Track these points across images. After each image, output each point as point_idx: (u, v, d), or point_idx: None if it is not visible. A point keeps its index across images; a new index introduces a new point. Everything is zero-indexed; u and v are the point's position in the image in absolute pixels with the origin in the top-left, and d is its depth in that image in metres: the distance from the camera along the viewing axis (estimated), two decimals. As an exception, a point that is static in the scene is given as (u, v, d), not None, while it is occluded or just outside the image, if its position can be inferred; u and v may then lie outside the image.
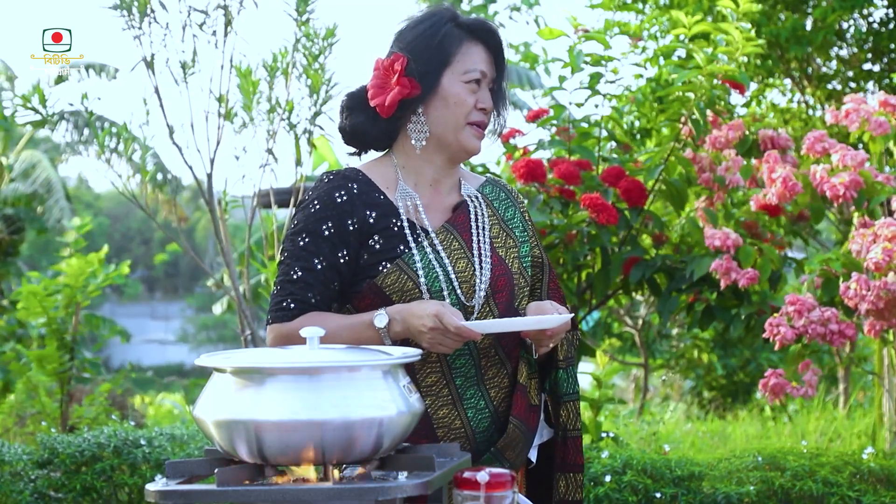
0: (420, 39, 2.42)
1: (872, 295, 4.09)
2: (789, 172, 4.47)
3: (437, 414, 2.36)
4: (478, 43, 2.45)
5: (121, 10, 4.87)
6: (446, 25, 2.43)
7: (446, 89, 2.41)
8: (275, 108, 5.01)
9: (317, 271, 2.35)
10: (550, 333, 2.34)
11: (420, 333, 2.26)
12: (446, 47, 2.41)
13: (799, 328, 4.24)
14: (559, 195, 4.71)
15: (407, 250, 2.37)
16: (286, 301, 2.35)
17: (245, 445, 1.87)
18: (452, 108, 2.41)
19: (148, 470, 4.90)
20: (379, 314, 2.28)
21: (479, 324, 2.27)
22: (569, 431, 2.48)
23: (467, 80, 2.42)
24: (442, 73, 2.41)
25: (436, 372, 2.36)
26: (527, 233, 2.55)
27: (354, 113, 2.47)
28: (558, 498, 2.47)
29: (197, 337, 32.30)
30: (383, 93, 2.41)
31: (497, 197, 2.56)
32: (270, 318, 2.37)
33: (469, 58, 2.43)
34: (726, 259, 4.46)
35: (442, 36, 2.41)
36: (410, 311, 2.27)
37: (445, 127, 2.42)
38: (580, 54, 4.89)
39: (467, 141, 2.44)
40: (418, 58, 2.40)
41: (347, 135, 2.49)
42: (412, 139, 2.44)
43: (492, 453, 2.38)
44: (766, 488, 4.47)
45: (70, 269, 7.24)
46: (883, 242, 4.10)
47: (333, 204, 2.37)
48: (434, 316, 2.23)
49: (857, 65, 9.13)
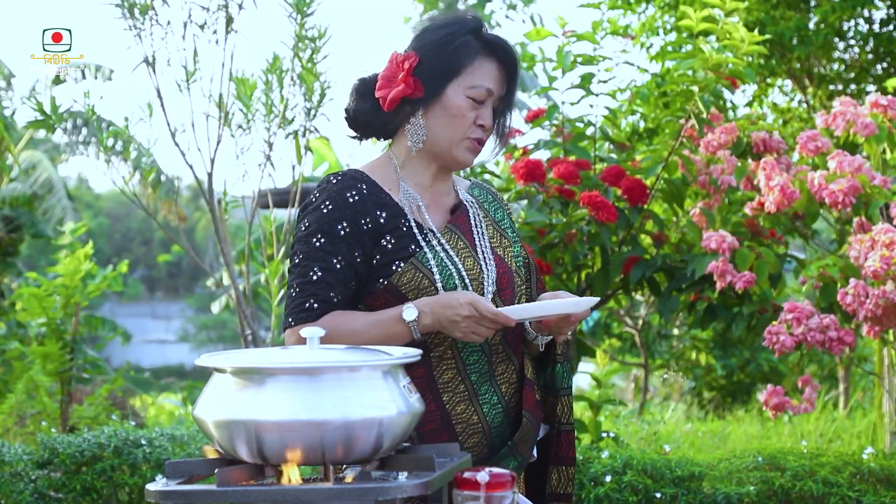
0: (435, 44, 2.41)
1: (871, 303, 4.10)
2: (787, 180, 4.47)
3: (455, 410, 2.37)
4: (492, 59, 2.43)
5: (122, 10, 4.87)
6: (465, 36, 2.41)
7: (449, 99, 2.41)
8: (271, 109, 5.02)
9: (336, 271, 2.35)
10: (573, 319, 2.37)
11: (454, 323, 2.27)
12: (459, 58, 2.40)
13: (798, 336, 4.25)
14: (558, 195, 4.71)
15: (419, 249, 2.37)
16: (308, 302, 2.34)
17: (245, 445, 1.87)
18: (451, 120, 2.41)
19: (148, 470, 4.90)
20: (407, 307, 2.29)
21: (511, 309, 2.30)
22: (563, 425, 2.51)
23: (472, 94, 2.41)
24: (448, 82, 2.40)
25: (451, 369, 2.38)
26: (515, 233, 2.58)
27: (362, 98, 2.48)
28: (550, 491, 2.50)
29: (197, 337, 32.29)
30: (389, 86, 2.42)
31: (486, 199, 2.58)
32: (292, 321, 2.35)
33: (479, 73, 2.42)
34: (722, 261, 4.47)
35: (457, 46, 2.40)
36: (440, 302, 2.28)
37: (441, 136, 2.42)
38: (568, 54, 4.90)
39: (460, 154, 2.44)
40: (429, 61, 2.40)
41: (351, 118, 2.50)
42: (408, 141, 2.44)
43: (508, 448, 2.40)
44: (766, 488, 4.47)
45: (65, 270, 7.25)
46: (881, 249, 4.10)
47: (346, 204, 2.37)
48: (469, 304, 2.25)
49: (859, 66, 9.14)
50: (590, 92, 4.93)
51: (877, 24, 8.95)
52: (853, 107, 4.74)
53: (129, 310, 34.53)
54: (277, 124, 5.07)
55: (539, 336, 2.46)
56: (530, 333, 2.46)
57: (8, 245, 12.66)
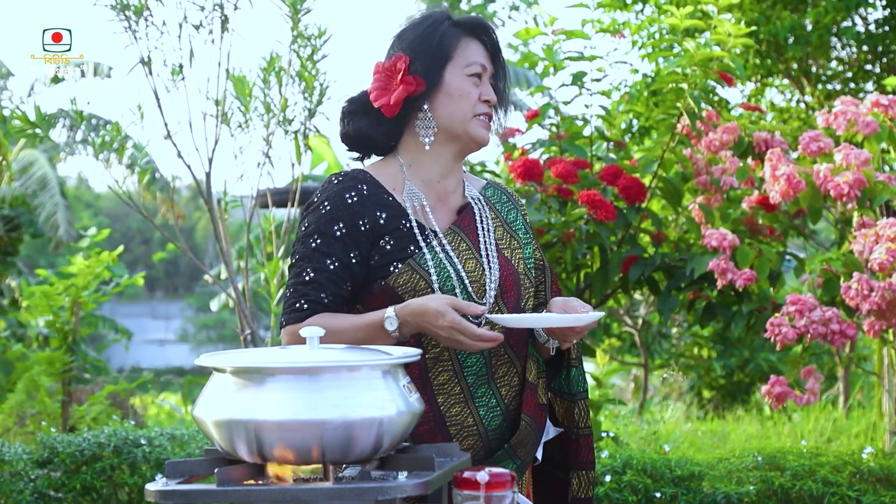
0: (420, 38, 2.45)
1: (877, 296, 4.10)
2: (793, 170, 4.47)
3: (450, 412, 2.37)
4: (475, 39, 2.48)
5: (118, 11, 4.87)
6: (443, 24, 2.47)
7: (450, 83, 2.44)
8: (270, 109, 5.02)
9: (329, 272, 2.36)
10: (578, 330, 2.36)
11: (435, 332, 2.26)
12: (447, 44, 2.45)
13: (800, 328, 4.24)
14: (557, 194, 4.72)
15: (417, 251, 2.37)
16: (299, 302, 2.36)
17: (245, 445, 1.87)
18: (458, 101, 2.44)
19: (148, 470, 4.90)
20: (388, 317, 2.28)
21: (512, 318, 2.28)
22: (580, 429, 2.51)
23: (470, 73, 2.45)
24: (444, 68, 2.44)
25: (447, 370, 2.37)
26: (529, 235, 2.58)
27: (356, 118, 2.49)
28: (572, 496, 2.50)
29: (197, 337, 32.28)
30: (387, 93, 2.43)
31: (499, 199, 2.58)
32: (284, 321, 2.38)
33: (469, 52, 2.46)
34: (723, 259, 4.47)
35: (441, 34, 2.45)
36: (414, 311, 2.26)
37: (453, 119, 2.44)
38: (558, 52, 4.91)
39: (476, 131, 2.46)
40: (420, 56, 2.43)
41: (351, 140, 2.50)
42: (420, 136, 2.45)
43: (505, 450, 2.39)
44: (766, 488, 4.48)
45: (78, 269, 7.26)
46: (886, 243, 4.10)
47: (344, 205, 2.38)
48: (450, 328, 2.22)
49: (857, 65, 9.14)
50: (582, 86, 4.93)
51: (872, 24, 8.95)
52: (854, 106, 4.75)
53: (128, 310, 34.51)
54: (276, 123, 5.07)
55: (550, 340, 2.46)
56: (542, 336, 2.46)
57: (7, 245, 12.67)
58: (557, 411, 2.56)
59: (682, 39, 4.83)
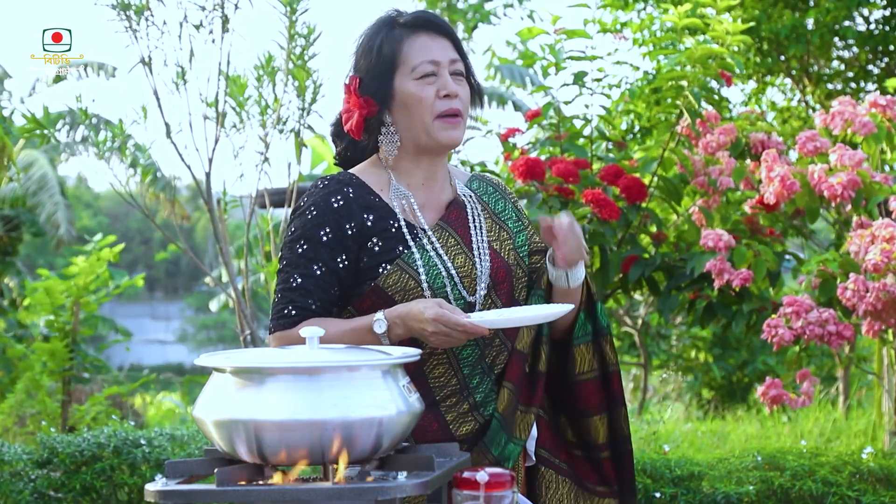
0: (364, 55, 2.43)
1: (872, 297, 4.10)
2: (787, 171, 4.48)
3: (446, 402, 2.38)
4: (419, 34, 2.42)
5: (118, 11, 4.87)
6: (384, 32, 2.42)
7: (402, 93, 2.40)
8: (265, 109, 5.01)
9: (316, 277, 2.35)
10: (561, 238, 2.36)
11: (423, 335, 2.26)
12: (387, 53, 2.40)
13: (797, 329, 4.24)
14: (558, 193, 4.71)
15: (406, 250, 2.37)
16: (287, 308, 2.36)
17: (245, 445, 1.87)
18: (414, 109, 2.39)
19: (148, 470, 4.89)
20: (377, 319, 2.28)
21: (484, 320, 2.27)
22: (611, 366, 2.51)
23: (418, 75, 2.39)
24: (392, 79, 2.40)
25: (443, 363, 2.38)
26: (521, 222, 2.56)
27: (339, 140, 2.53)
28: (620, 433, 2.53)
29: (196, 337, 32.27)
30: (350, 117, 2.43)
31: (485, 191, 2.56)
32: (272, 327, 2.38)
33: (413, 53, 2.40)
34: (720, 260, 4.47)
35: (380, 44, 2.41)
36: (404, 314, 2.27)
37: (414, 129, 2.41)
38: (560, 51, 4.91)
39: (439, 135, 2.41)
40: (367, 72, 2.41)
41: (344, 160, 2.54)
42: (385, 151, 2.44)
43: (496, 418, 2.38)
44: (766, 488, 4.47)
45: (79, 269, 7.26)
46: (881, 243, 4.10)
47: (330, 209, 2.37)
48: (434, 321, 2.22)
49: (857, 65, 9.14)
50: (583, 85, 4.93)
51: (874, 23, 8.95)
52: (852, 106, 4.75)
53: (128, 310, 34.50)
54: (272, 123, 5.07)
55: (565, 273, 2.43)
56: (551, 273, 2.44)
57: (7, 245, 12.67)
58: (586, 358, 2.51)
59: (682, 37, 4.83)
